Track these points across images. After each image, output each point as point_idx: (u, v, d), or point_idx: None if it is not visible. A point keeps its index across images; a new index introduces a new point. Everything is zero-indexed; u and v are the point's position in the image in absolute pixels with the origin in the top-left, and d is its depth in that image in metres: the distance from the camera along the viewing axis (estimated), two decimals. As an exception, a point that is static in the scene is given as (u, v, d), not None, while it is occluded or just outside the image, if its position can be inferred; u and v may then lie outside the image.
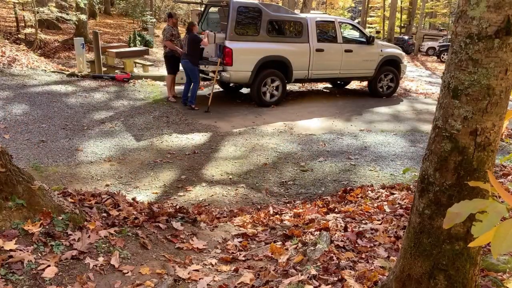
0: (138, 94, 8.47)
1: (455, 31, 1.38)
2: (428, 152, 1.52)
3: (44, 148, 5.20)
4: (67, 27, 17.09)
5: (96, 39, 9.91)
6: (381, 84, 9.70)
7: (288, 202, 4.22)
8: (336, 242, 2.58)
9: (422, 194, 1.54)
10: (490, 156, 1.41)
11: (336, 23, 8.92)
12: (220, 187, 4.53)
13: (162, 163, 5.09)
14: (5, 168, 2.20)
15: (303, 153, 5.65)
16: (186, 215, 3.36)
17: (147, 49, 12.54)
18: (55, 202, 2.44)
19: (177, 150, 5.54)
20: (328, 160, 5.39)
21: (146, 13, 20.12)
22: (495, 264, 2.08)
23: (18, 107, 6.60)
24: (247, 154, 5.54)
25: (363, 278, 2.02)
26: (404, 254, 1.64)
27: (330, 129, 6.85)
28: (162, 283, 2.20)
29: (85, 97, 7.71)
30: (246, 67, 7.61)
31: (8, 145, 4.99)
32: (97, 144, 5.52)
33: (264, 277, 2.26)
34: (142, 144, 5.68)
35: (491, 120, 1.36)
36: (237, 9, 7.47)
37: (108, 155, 5.20)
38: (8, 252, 2.05)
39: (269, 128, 6.73)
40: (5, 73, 8.49)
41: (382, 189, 4.17)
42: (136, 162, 5.06)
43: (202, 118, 7.06)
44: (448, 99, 1.41)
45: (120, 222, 2.75)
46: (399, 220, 3.04)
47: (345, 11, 41.24)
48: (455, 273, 1.51)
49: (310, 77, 8.61)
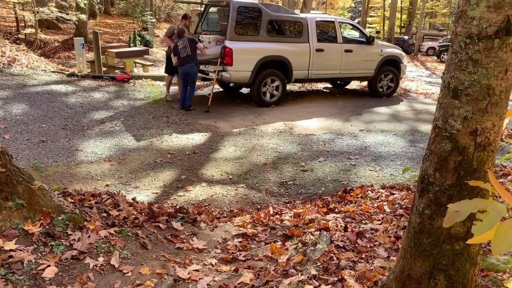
0: (138, 94, 8.47)
1: (455, 31, 1.38)
2: (428, 152, 1.52)
3: (44, 148, 5.20)
4: (67, 27, 17.09)
5: (96, 39, 9.92)
6: (381, 84, 9.70)
7: (288, 202, 4.22)
8: (336, 242, 2.58)
9: (422, 194, 1.54)
10: (490, 156, 1.41)
11: (336, 23, 8.92)
12: (220, 187, 4.53)
13: (162, 163, 5.09)
14: (5, 168, 2.20)
15: (303, 153, 5.65)
16: (186, 215, 3.36)
17: (147, 49, 12.55)
18: (55, 202, 2.45)
19: (177, 150, 5.54)
20: (328, 160, 5.39)
21: (146, 13, 20.12)
22: (495, 264, 2.08)
23: (18, 107, 6.60)
24: (247, 154, 5.54)
25: (363, 278, 2.02)
26: (404, 254, 1.64)
27: (330, 129, 6.85)
28: (162, 283, 2.20)
29: (85, 97, 7.71)
30: (246, 67, 7.61)
31: (8, 145, 4.99)
32: (97, 144, 5.52)
33: (264, 277, 2.26)
34: (142, 144, 5.68)
35: (491, 120, 1.36)
36: (237, 9, 7.47)
37: (108, 155, 5.20)
38: (8, 252, 2.05)
39: (269, 128, 6.73)
40: (5, 73, 8.50)
41: (382, 189, 4.17)
42: (136, 162, 5.06)
43: (202, 118, 7.06)
44: (448, 99, 1.41)
45: (120, 222, 2.75)
46: (399, 220, 3.04)
47: (345, 11, 41.25)
48: (455, 273, 1.51)
49: (310, 77, 8.61)
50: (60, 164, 4.79)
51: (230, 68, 7.47)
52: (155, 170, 4.87)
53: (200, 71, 8.24)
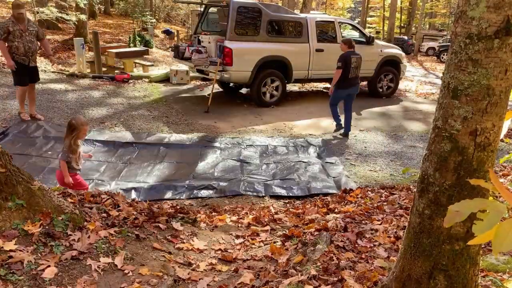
0: (138, 94, 8.47)
1: (454, 32, 1.38)
2: (428, 152, 1.52)
3: (44, 148, 5.19)
4: (66, 27, 17.08)
5: (96, 39, 9.91)
6: (381, 84, 9.70)
7: (288, 202, 4.22)
8: (336, 242, 2.58)
9: (422, 194, 1.54)
10: (490, 156, 1.41)
11: (336, 23, 8.92)
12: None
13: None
14: (5, 168, 2.20)
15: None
16: (186, 215, 3.36)
17: (147, 50, 12.54)
18: (55, 202, 2.44)
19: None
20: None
21: (146, 13, 20.10)
22: (495, 264, 2.08)
23: (17, 107, 6.59)
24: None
25: (363, 278, 2.02)
26: (404, 254, 1.64)
27: (329, 129, 6.84)
28: (162, 283, 2.20)
29: (85, 98, 7.71)
30: (246, 67, 7.61)
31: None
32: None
33: (264, 277, 2.26)
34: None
35: (491, 120, 1.36)
36: (237, 9, 7.47)
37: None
38: (8, 253, 2.05)
39: (269, 128, 6.73)
40: (5, 73, 8.49)
41: (382, 189, 4.17)
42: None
43: (202, 118, 7.06)
44: (448, 99, 1.41)
45: (120, 223, 2.75)
46: (399, 220, 3.04)
47: (345, 11, 41.26)
48: (455, 273, 1.51)
49: (310, 77, 8.61)
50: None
51: (230, 68, 7.46)
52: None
53: (199, 71, 8.24)
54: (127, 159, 5.03)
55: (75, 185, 3.47)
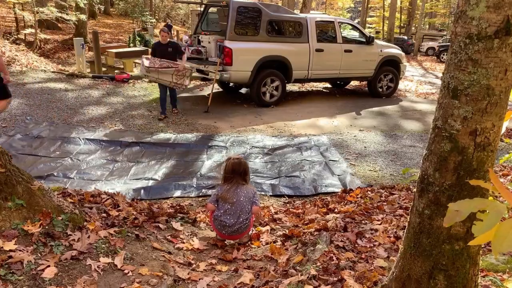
0: (137, 94, 8.47)
1: (454, 31, 1.38)
2: (428, 152, 1.52)
3: (44, 148, 5.19)
4: (66, 27, 17.09)
5: (95, 39, 9.92)
6: (381, 84, 9.69)
7: (288, 202, 4.22)
8: (335, 242, 2.58)
9: (422, 194, 1.54)
10: (490, 156, 1.41)
11: (336, 23, 8.92)
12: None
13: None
14: (5, 168, 2.20)
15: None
16: (186, 215, 3.36)
17: (146, 49, 12.54)
18: (54, 202, 2.44)
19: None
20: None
21: (145, 13, 20.11)
22: (495, 264, 2.08)
23: (17, 107, 6.60)
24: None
25: (363, 278, 2.02)
26: (403, 254, 1.64)
27: (329, 129, 6.85)
28: (162, 283, 2.20)
29: (84, 97, 7.71)
30: (245, 67, 7.61)
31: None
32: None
33: (264, 277, 2.26)
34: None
35: (491, 120, 1.36)
36: (236, 9, 7.47)
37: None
38: (7, 253, 2.05)
39: (269, 128, 6.73)
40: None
41: (381, 189, 4.17)
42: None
43: (202, 118, 7.06)
44: (448, 99, 1.41)
45: (119, 223, 2.75)
46: (399, 220, 3.04)
47: (345, 11, 41.27)
48: (455, 273, 1.51)
49: (309, 77, 8.60)
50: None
51: (229, 68, 7.46)
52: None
53: (199, 71, 8.24)
54: (135, 158, 5.11)
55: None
